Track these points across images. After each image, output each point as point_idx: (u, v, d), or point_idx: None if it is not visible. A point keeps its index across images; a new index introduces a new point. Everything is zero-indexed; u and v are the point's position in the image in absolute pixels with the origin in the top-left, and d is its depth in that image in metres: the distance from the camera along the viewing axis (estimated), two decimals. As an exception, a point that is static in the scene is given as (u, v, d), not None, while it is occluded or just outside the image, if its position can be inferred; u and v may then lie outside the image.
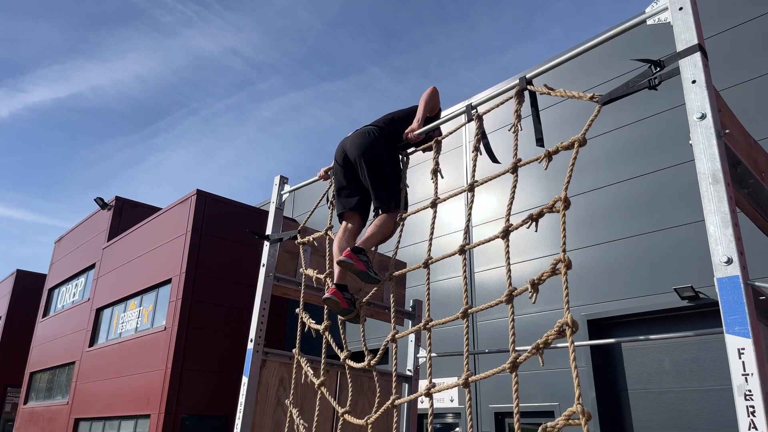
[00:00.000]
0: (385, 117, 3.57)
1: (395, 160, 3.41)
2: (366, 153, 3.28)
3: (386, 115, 3.64)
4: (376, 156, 3.29)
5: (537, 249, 8.66)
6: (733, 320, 1.79)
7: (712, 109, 2.04)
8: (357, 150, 3.33)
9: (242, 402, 3.60)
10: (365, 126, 3.50)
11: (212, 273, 12.75)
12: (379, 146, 3.31)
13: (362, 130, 3.45)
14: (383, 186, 3.24)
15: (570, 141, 2.39)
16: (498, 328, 9.08)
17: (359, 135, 3.41)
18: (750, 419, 1.67)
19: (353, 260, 3.07)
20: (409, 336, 4.82)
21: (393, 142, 3.40)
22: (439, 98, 3.57)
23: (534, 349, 2.15)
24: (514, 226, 2.53)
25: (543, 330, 2.39)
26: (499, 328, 9.00)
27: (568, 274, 2.29)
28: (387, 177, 3.29)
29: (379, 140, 3.33)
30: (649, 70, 2.26)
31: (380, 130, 3.39)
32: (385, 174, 3.28)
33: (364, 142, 3.32)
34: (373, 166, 3.25)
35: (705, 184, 1.96)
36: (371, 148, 3.30)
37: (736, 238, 1.85)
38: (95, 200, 17.30)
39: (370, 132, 3.38)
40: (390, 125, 3.44)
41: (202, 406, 11.84)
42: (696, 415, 7.21)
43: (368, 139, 3.33)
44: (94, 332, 15.73)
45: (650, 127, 8.36)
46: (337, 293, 3.17)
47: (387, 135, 3.39)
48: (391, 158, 3.38)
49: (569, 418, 1.96)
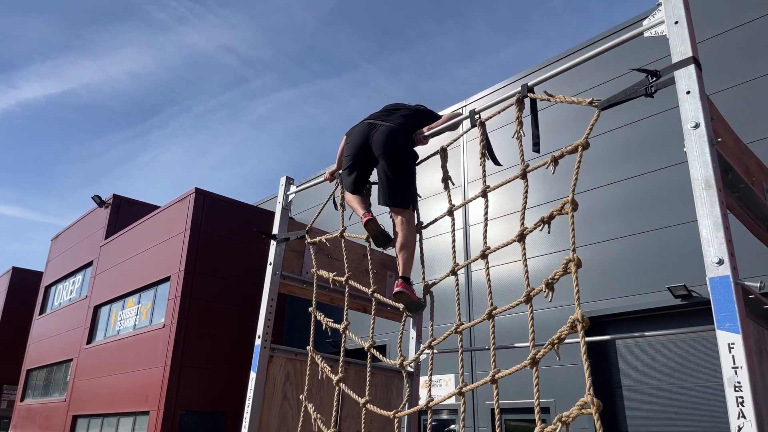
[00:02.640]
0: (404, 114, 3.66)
1: (414, 162, 3.59)
2: (394, 150, 3.43)
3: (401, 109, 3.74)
4: (402, 155, 3.46)
5: (535, 247, 8.81)
6: (723, 317, 1.92)
7: (705, 119, 2.17)
8: (385, 146, 3.45)
9: (250, 396, 3.71)
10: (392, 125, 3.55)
11: (211, 271, 12.84)
12: (406, 146, 3.49)
13: (391, 126, 3.53)
14: (404, 186, 3.40)
15: (574, 145, 2.51)
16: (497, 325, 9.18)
17: (389, 131, 3.50)
18: (739, 409, 1.80)
19: (409, 291, 3.28)
20: (410, 332, 4.94)
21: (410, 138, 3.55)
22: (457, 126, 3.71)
23: (550, 345, 2.28)
24: (528, 230, 2.66)
25: (540, 328, 2.52)
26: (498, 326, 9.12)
27: (572, 273, 2.42)
28: (408, 177, 3.47)
29: (407, 140, 3.50)
30: (646, 79, 2.38)
31: (406, 129, 3.52)
32: (408, 174, 3.46)
33: (394, 140, 3.45)
34: (397, 164, 3.42)
35: (698, 190, 2.09)
36: (399, 146, 3.46)
37: (727, 240, 1.98)
38: (93, 198, 17.34)
39: (400, 132, 3.49)
40: (410, 125, 3.57)
41: (201, 403, 11.94)
42: (688, 411, 7.37)
43: (397, 138, 3.46)
44: (92, 330, 15.78)
45: (645, 129, 8.51)
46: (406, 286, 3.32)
47: (409, 137, 3.54)
48: (412, 159, 3.56)
49: (582, 408, 2.08)
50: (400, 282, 3.29)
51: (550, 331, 2.41)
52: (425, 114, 3.73)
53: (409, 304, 3.33)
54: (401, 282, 3.29)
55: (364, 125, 3.64)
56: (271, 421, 3.84)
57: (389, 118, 3.63)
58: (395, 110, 3.72)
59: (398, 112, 3.69)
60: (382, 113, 3.71)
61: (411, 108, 3.76)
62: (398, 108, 3.76)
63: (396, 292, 3.28)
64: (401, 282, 3.29)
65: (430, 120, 3.68)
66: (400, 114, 3.65)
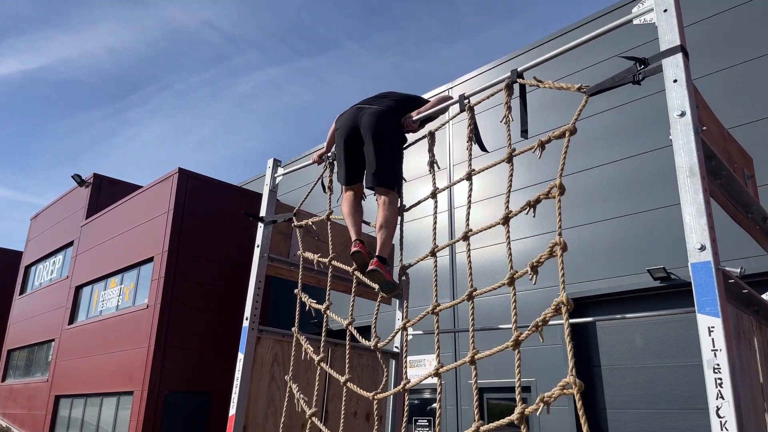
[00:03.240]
0: (395, 98, 3.68)
1: (402, 145, 3.59)
2: (382, 132, 3.43)
3: (391, 95, 3.76)
4: (390, 137, 3.46)
5: (520, 230, 8.90)
6: (704, 301, 1.97)
7: (691, 107, 2.20)
8: (373, 128, 3.45)
9: (238, 377, 3.74)
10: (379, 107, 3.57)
11: (195, 251, 12.78)
12: (394, 129, 3.49)
13: (379, 110, 3.54)
14: (390, 167, 3.41)
15: (561, 130, 2.54)
16: (478, 305, 9.32)
17: (377, 113, 3.51)
18: (718, 390, 1.86)
19: (383, 270, 3.27)
20: (396, 314, 4.99)
21: (399, 123, 3.56)
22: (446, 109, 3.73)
23: (534, 327, 2.32)
24: (513, 213, 2.68)
25: (522, 309, 2.58)
26: (480, 306, 9.25)
27: (557, 257, 2.46)
28: (395, 160, 3.47)
29: (395, 123, 3.50)
30: (634, 66, 2.41)
31: (395, 113, 3.53)
32: (394, 156, 3.46)
33: (382, 122, 3.46)
34: (385, 146, 3.42)
35: (682, 177, 2.13)
36: (387, 128, 3.46)
37: (709, 227, 2.03)
38: (72, 177, 17.09)
39: (389, 114, 3.50)
40: (400, 109, 3.58)
41: (186, 383, 11.98)
42: (666, 390, 7.57)
43: (385, 120, 3.47)
44: (74, 310, 15.67)
45: (628, 114, 8.59)
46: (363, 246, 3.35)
47: (398, 121, 3.54)
48: (401, 143, 3.56)
49: (564, 388, 2.13)
50: (375, 261, 3.29)
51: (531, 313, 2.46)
52: (415, 100, 3.75)
53: (383, 284, 3.33)
54: (376, 261, 3.29)
55: (353, 110, 3.65)
56: (258, 402, 3.88)
57: (378, 101, 3.65)
58: (385, 96, 3.74)
59: (388, 97, 3.71)
60: (371, 98, 3.72)
61: (402, 94, 3.79)
62: (388, 94, 3.78)
63: (369, 270, 3.29)
64: (376, 261, 3.29)
65: (420, 105, 3.69)
66: (390, 99, 3.67)
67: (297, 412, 3.67)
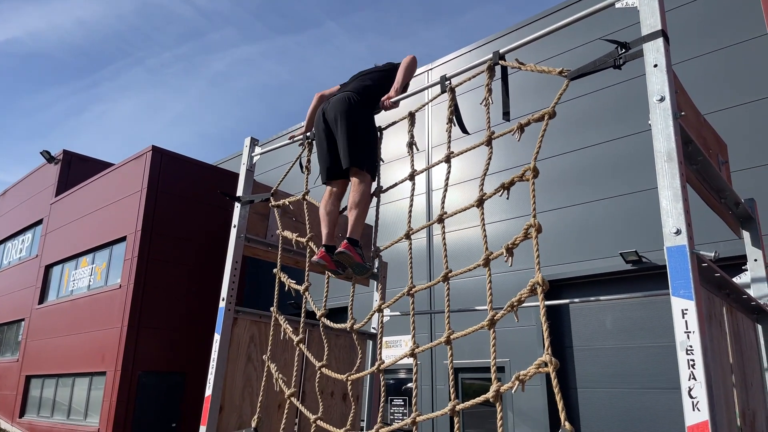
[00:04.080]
0: (361, 83, 3.67)
1: (372, 126, 3.55)
2: (344, 115, 3.41)
3: (359, 79, 3.75)
4: (354, 119, 3.42)
5: (495, 213, 8.98)
6: (679, 284, 2.01)
7: (671, 93, 2.22)
8: (336, 113, 3.46)
9: (215, 358, 3.72)
10: (343, 92, 3.60)
11: (169, 231, 12.61)
12: (357, 111, 3.45)
13: (342, 95, 3.55)
14: (358, 147, 3.37)
15: (540, 113, 2.54)
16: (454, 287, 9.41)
17: (339, 100, 3.52)
18: (690, 371, 1.90)
19: (351, 252, 3.22)
20: (374, 295, 5.00)
21: (370, 109, 3.54)
22: (416, 68, 3.73)
23: (509, 307, 2.34)
24: (487, 195, 2.69)
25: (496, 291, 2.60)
26: (457, 288, 9.34)
27: (532, 239, 2.48)
28: (362, 139, 3.43)
29: (357, 106, 3.47)
30: (615, 50, 2.41)
31: (359, 96, 3.52)
32: (360, 136, 3.42)
33: (344, 106, 3.45)
34: (350, 128, 3.38)
35: (660, 162, 2.15)
36: (350, 111, 3.43)
37: (685, 211, 2.06)
38: (41, 153, 16.66)
39: (351, 98, 3.50)
40: (367, 92, 3.57)
41: (160, 363, 11.89)
42: (635, 370, 7.77)
43: (348, 104, 3.45)
44: (44, 289, 15.39)
45: (603, 99, 8.66)
46: (326, 256, 3.31)
47: (364, 102, 3.52)
48: (369, 124, 3.52)
49: (539, 367, 2.16)
50: (345, 243, 3.27)
51: (506, 297, 2.48)
52: (386, 74, 3.72)
53: (352, 266, 3.31)
54: (345, 243, 3.26)
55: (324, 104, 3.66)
56: (235, 383, 3.86)
57: (344, 88, 3.67)
58: (355, 78, 3.74)
59: (357, 79, 3.71)
60: (342, 85, 3.78)
61: (372, 73, 3.74)
62: (357, 76, 3.77)
63: (338, 251, 3.26)
64: (345, 243, 3.26)
65: (392, 75, 3.68)
66: (356, 81, 3.67)
67: (274, 392, 3.67)
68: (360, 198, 3.35)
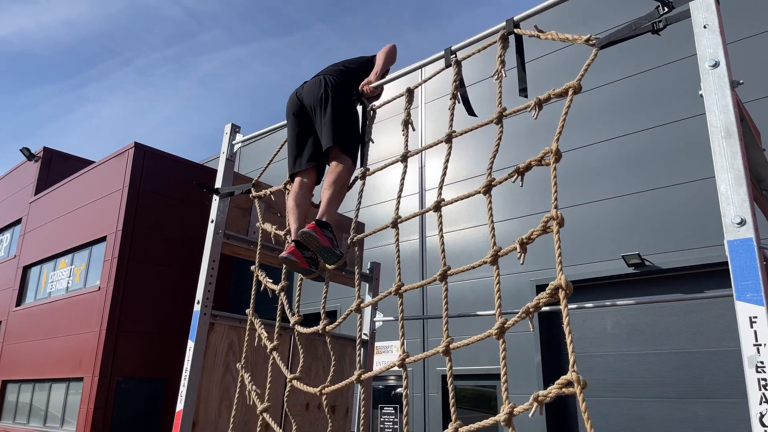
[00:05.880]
0: (339, 66, 3.44)
1: (352, 107, 3.26)
2: (326, 95, 3.14)
3: (337, 64, 3.49)
4: (337, 98, 3.14)
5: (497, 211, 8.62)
6: (744, 286, 1.64)
7: (726, 57, 1.86)
8: (313, 96, 3.20)
9: (188, 368, 3.31)
10: (319, 75, 3.35)
11: (151, 231, 12.12)
12: (336, 92, 3.17)
13: (317, 78, 3.31)
14: (338, 127, 3.05)
15: (564, 87, 2.18)
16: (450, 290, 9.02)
17: (315, 82, 3.27)
18: (762, 393, 1.54)
19: (318, 234, 2.79)
20: (365, 299, 4.61)
21: (349, 90, 3.26)
22: (396, 57, 3.51)
23: (524, 313, 1.97)
24: (497, 181, 2.32)
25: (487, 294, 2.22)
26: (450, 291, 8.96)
27: (552, 233, 2.11)
28: (342, 119, 3.11)
29: (336, 86, 3.20)
30: (656, 11, 2.05)
31: (336, 78, 3.26)
32: (340, 116, 3.10)
33: (321, 88, 3.19)
34: (329, 109, 3.09)
35: (717, 138, 1.79)
36: (332, 89, 3.16)
37: (750, 197, 1.70)
38: (21, 150, 16.11)
39: (327, 79, 3.25)
40: (345, 75, 3.32)
41: (139, 369, 11.39)
42: (634, 378, 7.44)
43: (325, 86, 3.19)
44: (21, 291, 14.83)
45: (614, 92, 8.35)
46: (296, 252, 2.89)
47: (343, 83, 3.25)
48: (349, 104, 3.22)
49: (562, 387, 1.78)
50: (311, 224, 2.83)
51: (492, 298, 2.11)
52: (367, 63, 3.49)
53: (319, 249, 2.83)
54: (312, 224, 2.83)
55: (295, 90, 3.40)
56: (211, 394, 3.46)
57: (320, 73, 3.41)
58: (330, 65, 3.49)
59: (332, 65, 3.47)
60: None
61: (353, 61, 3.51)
62: (333, 64, 3.51)
63: (302, 231, 2.82)
64: (312, 224, 2.83)
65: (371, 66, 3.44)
66: (332, 68, 3.41)
67: (254, 406, 3.27)
68: (336, 178, 2.97)
